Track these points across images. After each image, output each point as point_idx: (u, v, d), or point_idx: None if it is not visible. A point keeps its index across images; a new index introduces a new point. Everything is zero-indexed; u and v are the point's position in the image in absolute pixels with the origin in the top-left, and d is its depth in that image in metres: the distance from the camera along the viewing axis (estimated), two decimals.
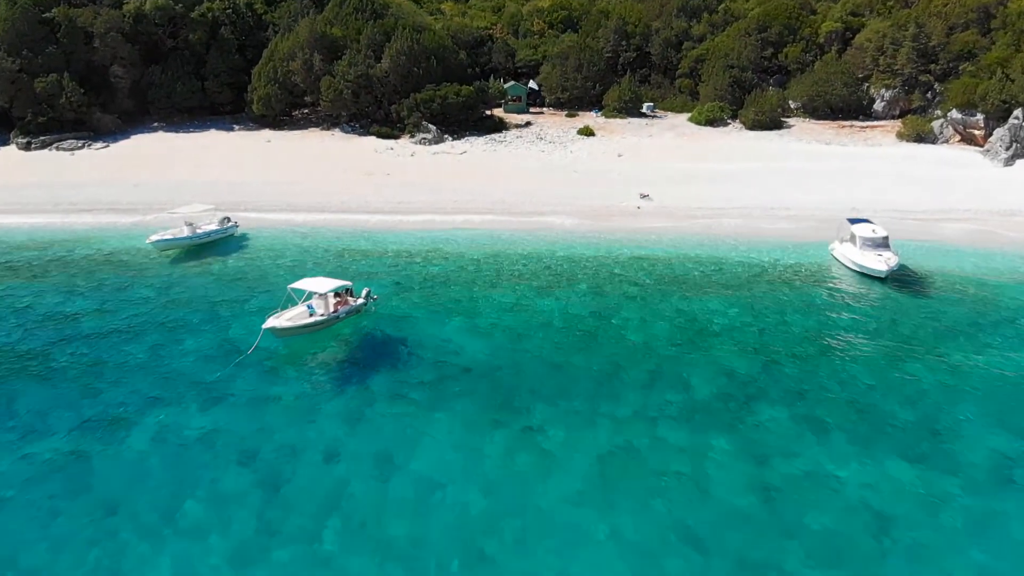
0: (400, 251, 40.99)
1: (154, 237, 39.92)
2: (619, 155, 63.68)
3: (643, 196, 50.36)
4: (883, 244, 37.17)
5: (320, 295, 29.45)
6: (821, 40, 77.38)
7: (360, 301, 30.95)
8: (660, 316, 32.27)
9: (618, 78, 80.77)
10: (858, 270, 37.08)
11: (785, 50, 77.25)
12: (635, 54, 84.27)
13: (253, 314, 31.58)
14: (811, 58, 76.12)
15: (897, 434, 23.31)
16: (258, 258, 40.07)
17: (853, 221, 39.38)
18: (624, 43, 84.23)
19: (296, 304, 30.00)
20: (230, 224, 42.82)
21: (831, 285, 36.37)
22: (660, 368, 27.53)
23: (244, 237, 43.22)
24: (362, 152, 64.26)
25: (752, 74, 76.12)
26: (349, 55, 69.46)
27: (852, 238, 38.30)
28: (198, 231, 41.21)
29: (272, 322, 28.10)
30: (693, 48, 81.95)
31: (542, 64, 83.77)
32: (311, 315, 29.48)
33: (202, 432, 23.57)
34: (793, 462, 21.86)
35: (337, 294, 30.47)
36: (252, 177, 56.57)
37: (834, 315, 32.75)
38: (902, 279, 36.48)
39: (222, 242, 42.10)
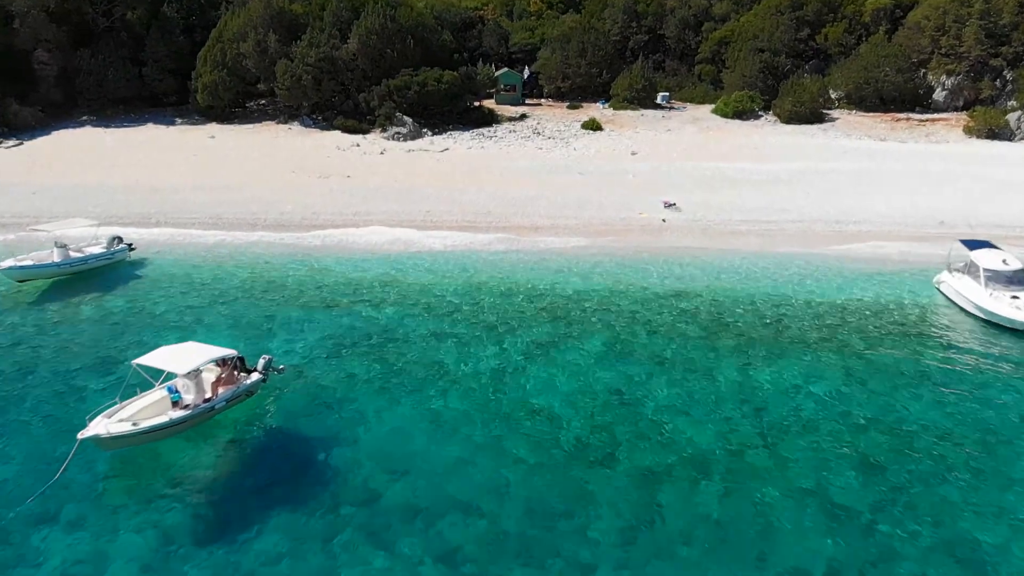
0: (345, 285, 30.21)
1: (7, 263, 29.24)
2: (632, 153, 53.01)
3: (668, 205, 39.61)
4: (1019, 280, 26.42)
5: (186, 374, 18.72)
6: (867, 19, 66.54)
7: (255, 377, 20.16)
8: (711, 397, 21.43)
9: (628, 64, 69.98)
10: (983, 317, 26.31)
11: (824, 31, 66.58)
12: (647, 37, 73.61)
13: (115, 392, 20.83)
14: (855, 40, 65.44)
15: None
16: (152, 296, 29.15)
17: (970, 245, 28.62)
18: (634, 24, 73.56)
19: (152, 387, 19.37)
20: (120, 247, 32.03)
21: (946, 343, 25.44)
22: (722, 501, 16.82)
23: (141, 263, 32.36)
24: (322, 149, 53.36)
25: (786, 59, 65.30)
26: (310, 34, 58.50)
27: (970, 269, 27.55)
28: (72, 255, 30.48)
29: (97, 427, 17.30)
30: (715, 29, 71.27)
31: (540, 49, 72.96)
32: (174, 404, 18.76)
33: None
34: None
35: (224, 363, 19.88)
36: (181, 180, 45.76)
37: (963, 396, 21.73)
38: None
39: (108, 270, 31.32)
